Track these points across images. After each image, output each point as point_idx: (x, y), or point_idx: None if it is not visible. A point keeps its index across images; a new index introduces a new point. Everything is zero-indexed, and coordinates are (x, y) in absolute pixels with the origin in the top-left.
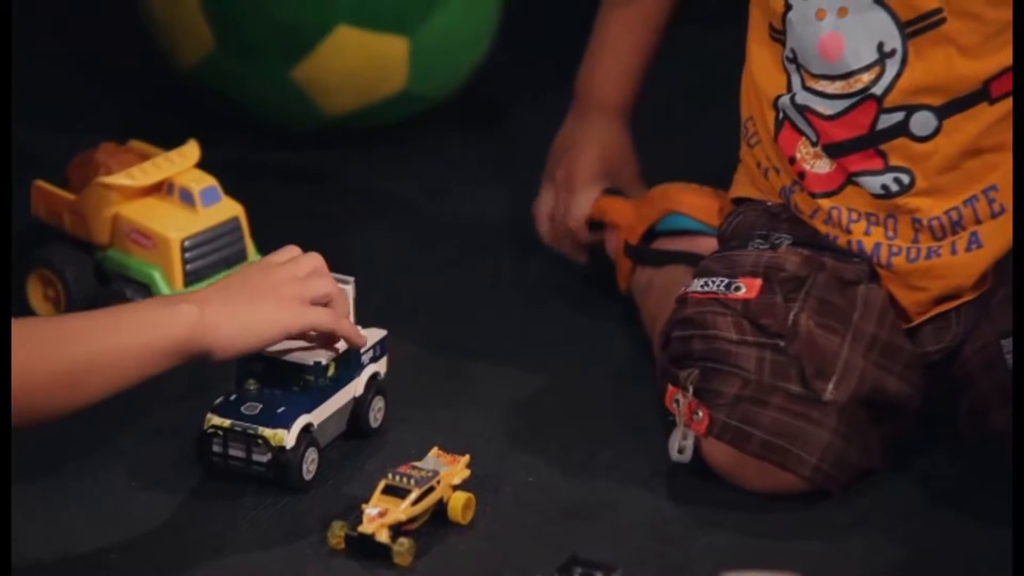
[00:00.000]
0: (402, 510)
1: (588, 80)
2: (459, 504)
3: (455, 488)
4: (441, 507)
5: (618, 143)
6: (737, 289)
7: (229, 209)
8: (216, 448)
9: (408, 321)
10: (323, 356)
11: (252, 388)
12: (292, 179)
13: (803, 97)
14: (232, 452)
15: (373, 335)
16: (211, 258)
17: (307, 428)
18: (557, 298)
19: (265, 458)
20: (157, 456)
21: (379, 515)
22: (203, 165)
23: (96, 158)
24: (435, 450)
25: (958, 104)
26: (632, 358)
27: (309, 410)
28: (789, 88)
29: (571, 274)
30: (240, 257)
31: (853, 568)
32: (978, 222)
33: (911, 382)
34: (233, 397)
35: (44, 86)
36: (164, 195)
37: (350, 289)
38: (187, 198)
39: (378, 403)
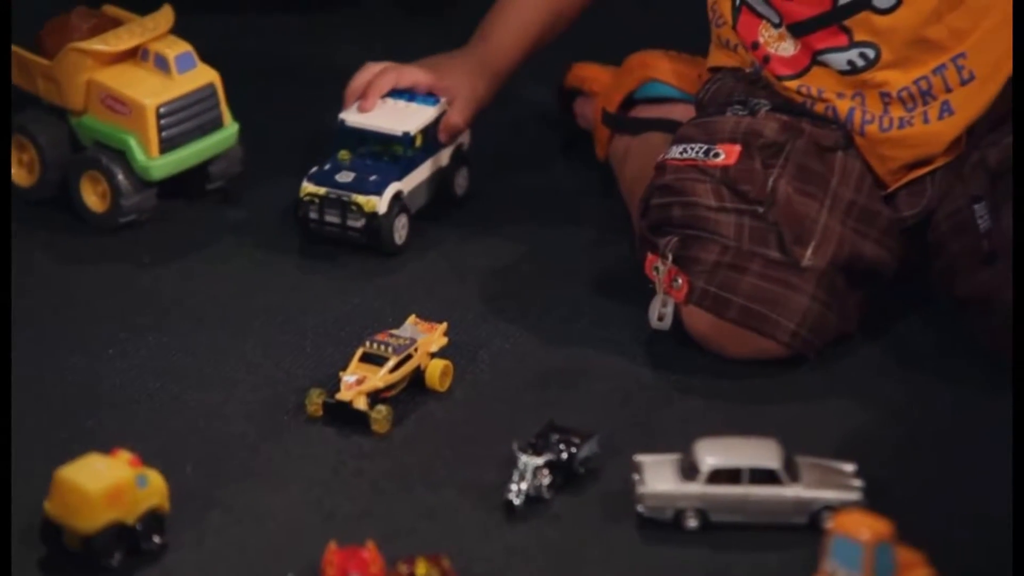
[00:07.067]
0: (380, 377)
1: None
2: (436, 372)
3: (433, 356)
4: (419, 375)
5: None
6: (716, 155)
7: (204, 75)
8: (312, 215)
9: None
10: (411, 126)
11: (344, 158)
12: (264, 45)
13: None
14: (328, 218)
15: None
16: (187, 125)
17: (398, 195)
18: (533, 167)
19: (359, 223)
20: None
21: (357, 383)
22: (176, 31)
23: (70, 22)
24: (413, 318)
25: None
26: (609, 226)
27: (399, 178)
28: None
29: (546, 143)
30: (216, 124)
31: (828, 432)
32: (948, 90)
33: (887, 247)
34: (327, 167)
35: None
36: (139, 61)
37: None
38: (162, 64)
39: (463, 172)
